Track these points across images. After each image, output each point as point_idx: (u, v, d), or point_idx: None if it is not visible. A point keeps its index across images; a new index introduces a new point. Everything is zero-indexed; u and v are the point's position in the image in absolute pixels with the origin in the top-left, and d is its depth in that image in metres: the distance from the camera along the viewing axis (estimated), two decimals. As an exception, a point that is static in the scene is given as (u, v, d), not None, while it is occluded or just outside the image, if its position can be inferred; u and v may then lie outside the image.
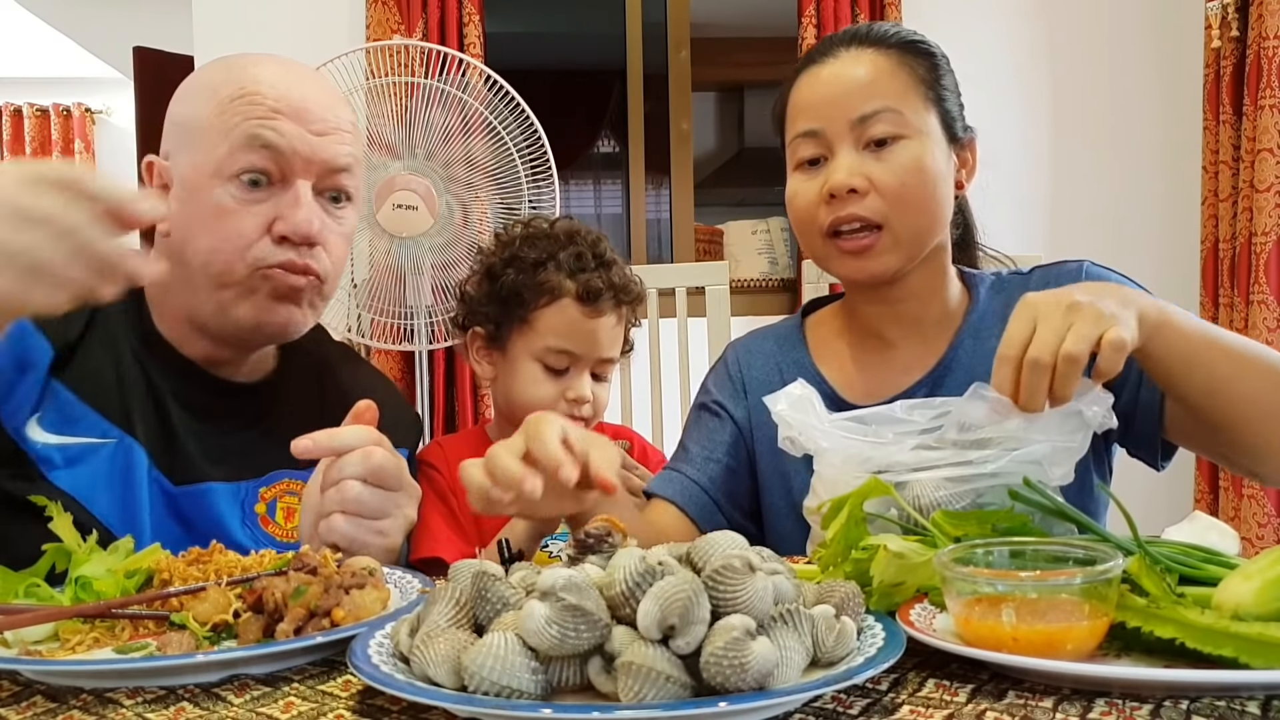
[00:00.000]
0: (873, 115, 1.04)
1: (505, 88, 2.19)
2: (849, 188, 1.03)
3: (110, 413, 1.00)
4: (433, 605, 0.61)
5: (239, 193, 0.98)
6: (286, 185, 0.99)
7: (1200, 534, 0.73)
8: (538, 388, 1.24)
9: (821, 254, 1.10)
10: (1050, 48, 3.01)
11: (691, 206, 3.18)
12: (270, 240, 0.99)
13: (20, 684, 0.68)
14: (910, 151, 1.04)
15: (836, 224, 1.05)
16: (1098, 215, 2.99)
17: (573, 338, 1.24)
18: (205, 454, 1.03)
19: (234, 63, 1.02)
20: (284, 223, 0.98)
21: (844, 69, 1.07)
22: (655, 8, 3.14)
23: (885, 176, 1.03)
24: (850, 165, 1.04)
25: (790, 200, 1.10)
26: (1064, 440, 0.81)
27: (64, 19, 4.88)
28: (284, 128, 0.97)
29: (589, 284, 1.23)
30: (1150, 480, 1.22)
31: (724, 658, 0.52)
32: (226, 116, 0.97)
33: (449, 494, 1.25)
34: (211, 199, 0.98)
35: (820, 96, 1.07)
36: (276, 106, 0.97)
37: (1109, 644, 0.61)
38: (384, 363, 2.69)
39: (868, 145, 1.05)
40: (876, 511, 0.78)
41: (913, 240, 1.06)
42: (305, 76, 1.03)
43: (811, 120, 1.07)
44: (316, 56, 2.19)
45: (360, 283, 2.32)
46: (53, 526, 0.80)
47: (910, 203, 1.04)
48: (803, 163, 1.08)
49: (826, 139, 1.06)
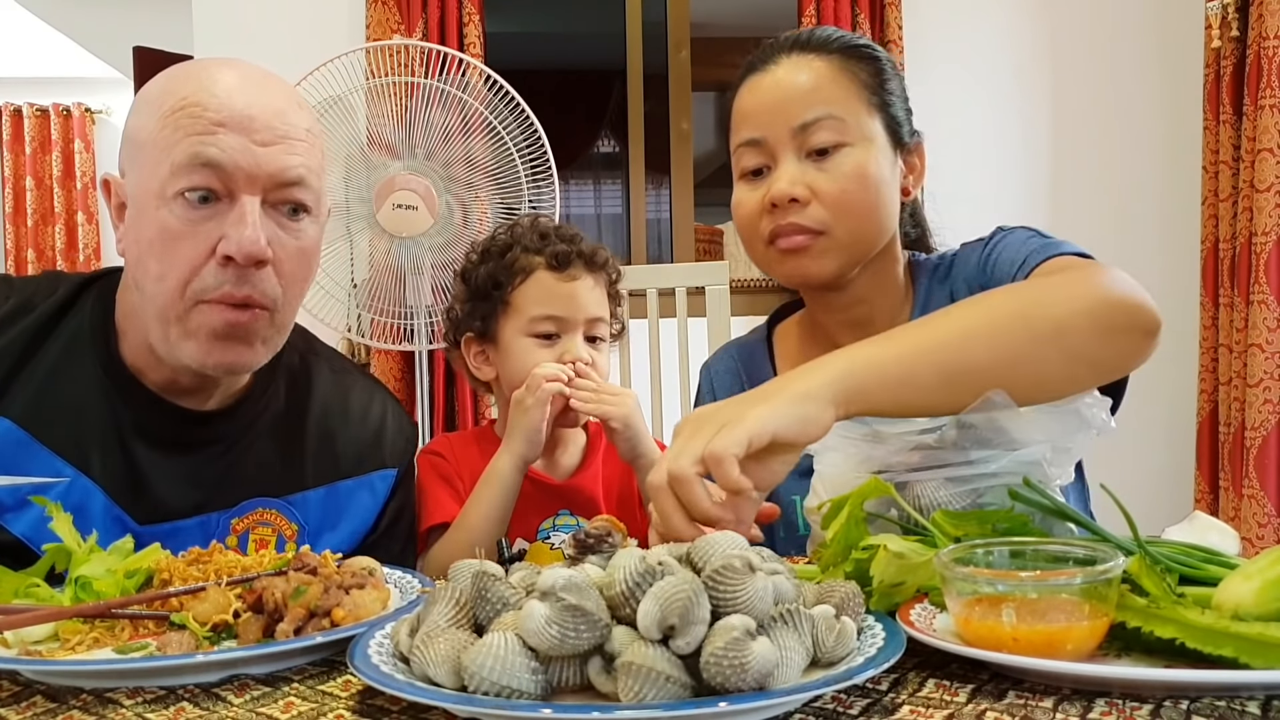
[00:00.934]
0: (814, 123, 1.04)
1: (505, 88, 2.19)
2: (790, 197, 1.03)
3: (63, 449, 0.95)
4: (432, 605, 0.61)
5: (184, 212, 0.91)
6: (233, 201, 0.92)
7: (1200, 534, 0.73)
8: (532, 357, 1.25)
9: (764, 261, 1.11)
10: (1050, 48, 3.01)
11: (691, 206, 3.18)
12: (215, 263, 0.91)
13: (20, 684, 0.68)
14: (853, 159, 1.04)
15: (777, 232, 1.06)
16: (1098, 215, 2.99)
17: (552, 302, 1.26)
18: (172, 490, 0.98)
19: (179, 72, 0.96)
20: (228, 242, 0.90)
21: (785, 76, 1.07)
22: (655, 7, 3.14)
23: (827, 185, 1.03)
24: (792, 175, 1.04)
25: (735, 210, 1.11)
26: (1064, 440, 0.81)
27: (64, 19, 4.88)
28: (225, 141, 0.90)
29: (555, 251, 1.26)
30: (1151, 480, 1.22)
31: (724, 658, 0.52)
32: (168, 131, 0.91)
33: (455, 478, 1.28)
34: (157, 221, 0.91)
35: (761, 104, 1.07)
36: (218, 118, 0.90)
37: (1109, 644, 0.61)
38: (384, 363, 2.69)
39: (810, 153, 1.04)
40: (877, 511, 0.78)
41: (854, 244, 1.06)
42: (252, 82, 0.95)
43: (754, 129, 1.07)
44: (316, 56, 2.19)
45: (360, 283, 2.32)
46: (53, 526, 0.80)
47: (852, 209, 1.04)
48: (746, 172, 1.09)
49: (769, 147, 1.06)
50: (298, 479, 1.06)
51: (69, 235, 5.93)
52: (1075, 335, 0.83)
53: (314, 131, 0.98)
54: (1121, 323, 0.86)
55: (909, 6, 2.86)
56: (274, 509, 1.04)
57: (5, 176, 5.88)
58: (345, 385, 1.15)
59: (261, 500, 1.04)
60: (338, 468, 1.09)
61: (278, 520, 1.04)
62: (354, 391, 1.15)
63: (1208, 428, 2.73)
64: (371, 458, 1.12)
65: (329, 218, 1.12)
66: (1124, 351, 0.87)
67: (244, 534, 1.02)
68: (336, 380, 1.14)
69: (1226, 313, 2.71)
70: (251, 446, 1.05)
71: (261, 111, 0.92)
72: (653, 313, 1.80)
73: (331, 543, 1.06)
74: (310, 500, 1.07)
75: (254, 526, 1.03)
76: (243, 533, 1.02)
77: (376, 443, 1.13)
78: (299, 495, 1.06)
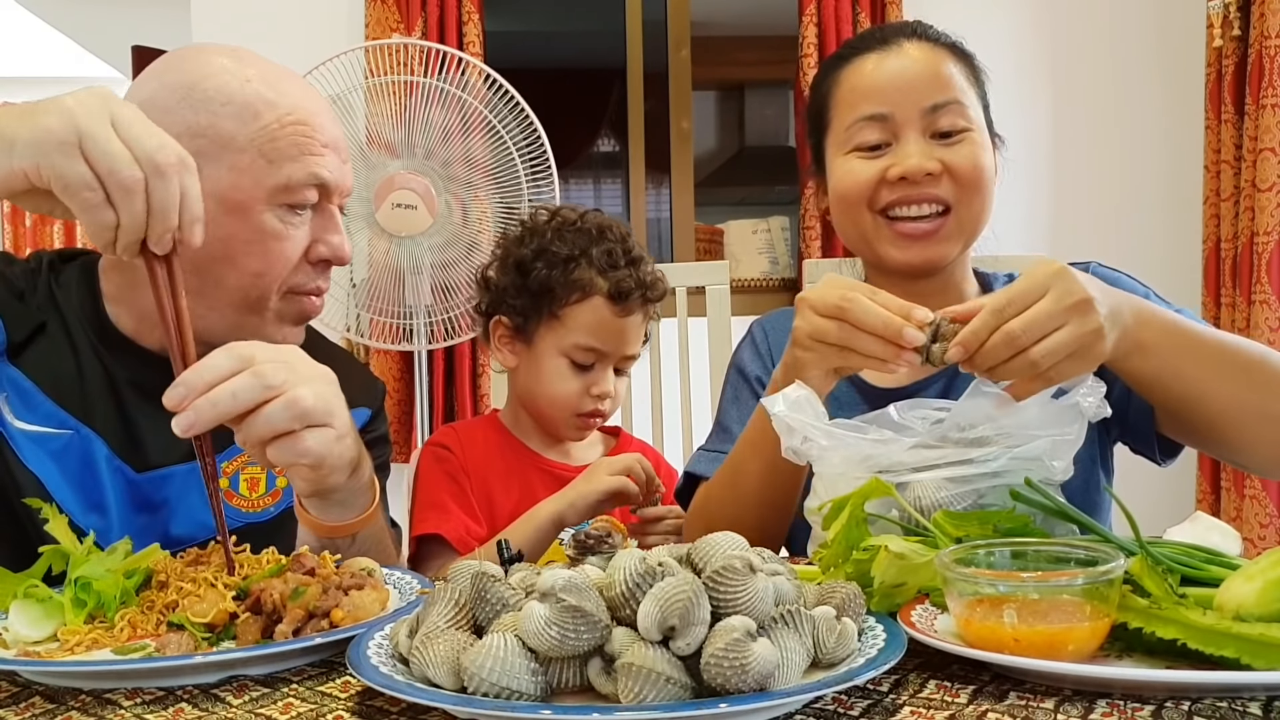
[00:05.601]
0: (944, 106, 1.06)
1: (505, 87, 2.19)
2: (925, 171, 1.05)
3: (68, 404, 1.00)
4: (432, 606, 0.61)
5: (286, 216, 1.00)
6: (319, 209, 1.03)
7: (1202, 534, 0.73)
8: (564, 383, 1.25)
9: (872, 235, 1.09)
10: (1051, 47, 3.01)
11: (692, 206, 3.18)
12: (308, 262, 1.02)
13: (19, 685, 0.68)
14: (974, 145, 1.07)
15: (896, 204, 1.06)
16: (1099, 215, 2.99)
17: (602, 336, 1.24)
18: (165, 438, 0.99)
19: (255, 75, 1.00)
20: (325, 247, 1.03)
21: (914, 57, 1.09)
22: (655, 6, 3.14)
23: (960, 161, 1.06)
24: (923, 150, 1.06)
25: (841, 180, 1.10)
26: (1061, 433, 0.81)
27: (64, 19, 4.88)
28: (330, 163, 1.01)
29: (620, 283, 1.24)
30: (1152, 481, 1.22)
31: (724, 659, 0.52)
32: (276, 143, 0.98)
33: (461, 474, 1.26)
34: (261, 222, 0.99)
35: (889, 82, 1.08)
36: (324, 140, 1.01)
37: (1110, 645, 0.61)
38: (383, 362, 2.69)
39: (934, 135, 1.06)
40: (878, 512, 0.78)
41: (974, 228, 1.09)
42: (325, 102, 1.07)
43: (879, 104, 1.08)
44: (315, 55, 2.19)
45: (359, 282, 2.32)
46: (49, 529, 0.80)
47: (979, 188, 1.07)
48: (863, 146, 1.09)
49: (894, 124, 1.07)
50: None
51: (68, 235, 5.93)
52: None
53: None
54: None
55: (909, 6, 2.86)
56: None
57: (5, 176, 5.88)
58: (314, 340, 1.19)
59: None
60: None
61: None
62: (321, 344, 1.21)
63: (1209, 427, 2.72)
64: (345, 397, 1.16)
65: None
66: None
67: (234, 475, 1.07)
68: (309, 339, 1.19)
69: (1228, 312, 2.70)
70: None
71: (341, 135, 1.05)
72: (653, 312, 1.80)
73: None
74: None
75: (243, 467, 1.07)
76: (233, 474, 1.07)
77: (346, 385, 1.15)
78: None
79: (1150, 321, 0.88)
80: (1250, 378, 0.91)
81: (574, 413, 1.26)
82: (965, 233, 1.08)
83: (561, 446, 1.32)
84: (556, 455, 1.31)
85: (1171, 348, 0.89)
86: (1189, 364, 0.90)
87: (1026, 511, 0.75)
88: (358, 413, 1.17)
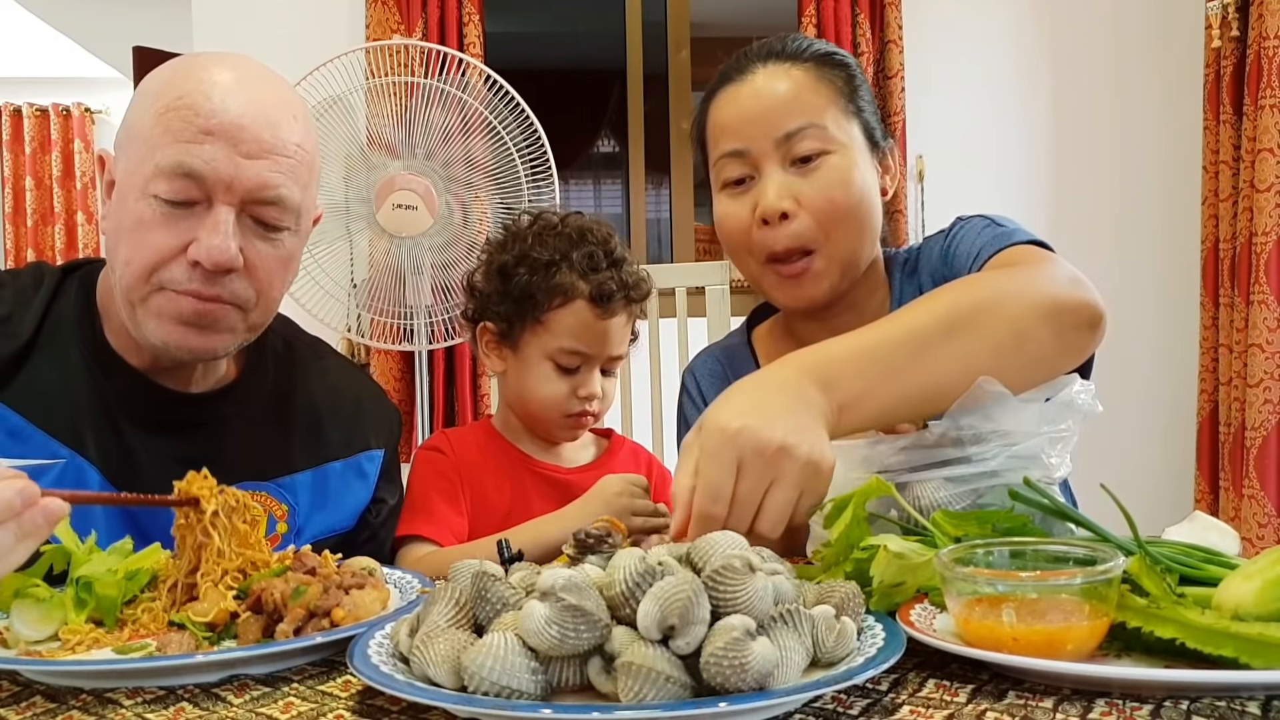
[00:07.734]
0: (797, 132, 1.04)
1: (505, 87, 2.19)
2: (779, 212, 1.03)
3: (58, 432, 0.97)
4: (432, 605, 0.61)
5: (160, 209, 0.92)
6: (210, 206, 0.93)
7: (1200, 534, 0.73)
8: (550, 386, 1.25)
9: (758, 278, 1.10)
10: (1050, 47, 3.01)
11: (692, 206, 3.18)
12: (185, 261, 0.93)
13: (20, 684, 0.68)
14: (836, 166, 1.04)
15: (773, 254, 1.06)
16: (1098, 215, 2.99)
17: (585, 338, 1.25)
18: (161, 470, 0.97)
19: (181, 66, 0.96)
20: (198, 247, 0.92)
21: (764, 85, 1.07)
22: (655, 7, 3.14)
23: (813, 196, 1.03)
24: (778, 186, 1.04)
25: (720, 223, 1.10)
26: (1057, 430, 0.81)
27: (64, 19, 4.88)
28: (209, 152, 0.91)
29: (602, 285, 1.24)
30: (1151, 480, 1.22)
31: (724, 658, 0.52)
32: (158, 131, 0.92)
33: (452, 474, 1.27)
34: (135, 212, 0.93)
35: (742, 115, 1.07)
36: (207, 125, 0.91)
37: (1109, 644, 0.61)
38: (383, 363, 2.69)
39: (793, 162, 1.04)
40: (877, 511, 0.78)
41: (846, 259, 1.07)
42: (250, 86, 0.95)
43: (736, 140, 1.06)
44: (316, 56, 2.19)
45: (360, 283, 2.32)
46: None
47: (840, 220, 1.04)
48: (729, 183, 1.08)
49: (752, 158, 1.06)
50: (285, 462, 1.08)
51: (69, 235, 5.92)
52: (1035, 343, 0.85)
53: (305, 146, 0.98)
54: (1070, 321, 0.87)
55: (909, 6, 2.86)
56: (263, 491, 1.05)
57: (5, 176, 5.88)
58: (325, 369, 1.18)
59: (251, 484, 1.03)
60: (324, 450, 1.11)
61: (268, 501, 1.05)
62: (333, 375, 1.18)
63: (1208, 428, 2.73)
64: (356, 439, 1.14)
65: (323, 220, 1.14)
66: (1076, 349, 0.89)
67: None
68: (318, 366, 1.17)
69: (1227, 313, 2.70)
70: (239, 430, 1.06)
71: (253, 121, 0.93)
72: (653, 313, 1.79)
73: (324, 524, 1.09)
74: (299, 483, 1.08)
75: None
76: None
77: (358, 424, 1.15)
78: (288, 478, 1.08)
79: (836, 376, 0.80)
80: (966, 344, 0.83)
81: (563, 414, 1.27)
82: (836, 267, 1.06)
83: (553, 449, 1.33)
84: (548, 457, 1.31)
85: (876, 376, 0.81)
86: (902, 376, 0.82)
87: (1025, 511, 0.75)
88: (370, 455, 1.16)
